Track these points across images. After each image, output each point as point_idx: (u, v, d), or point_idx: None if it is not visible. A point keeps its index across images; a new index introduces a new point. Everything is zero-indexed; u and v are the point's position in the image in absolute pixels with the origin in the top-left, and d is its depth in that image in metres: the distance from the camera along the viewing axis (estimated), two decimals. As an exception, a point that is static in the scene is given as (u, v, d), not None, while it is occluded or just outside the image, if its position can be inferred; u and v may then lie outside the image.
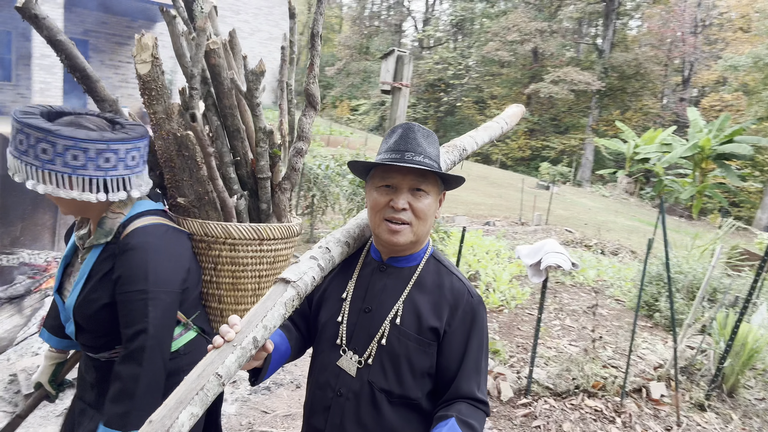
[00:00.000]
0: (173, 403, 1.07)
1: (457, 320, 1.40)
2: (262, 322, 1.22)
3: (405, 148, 1.36)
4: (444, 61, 32.11)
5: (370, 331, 1.40)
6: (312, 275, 1.35)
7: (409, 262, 1.46)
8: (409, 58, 5.21)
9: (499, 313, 5.67)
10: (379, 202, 1.37)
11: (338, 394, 1.40)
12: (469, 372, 1.40)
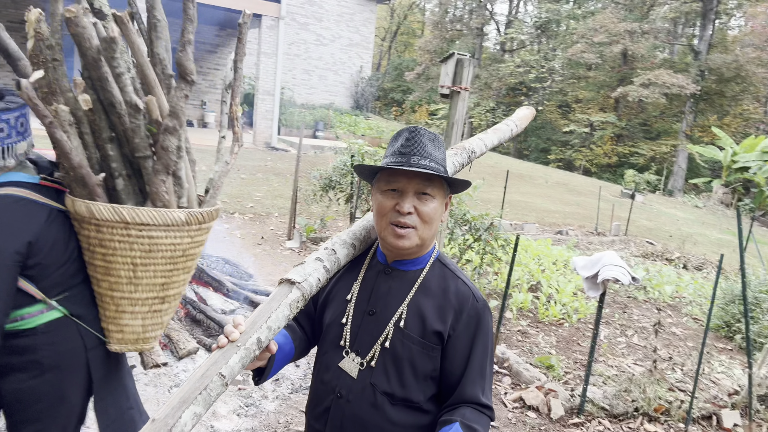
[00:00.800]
0: (176, 402, 1.07)
1: (461, 324, 1.40)
2: (266, 323, 1.23)
3: (411, 152, 1.36)
4: (526, 64, 31.32)
5: (373, 333, 1.41)
6: (317, 276, 1.37)
7: (414, 265, 1.46)
8: (468, 62, 5.10)
9: (559, 327, 5.42)
10: (385, 206, 1.37)
11: (338, 395, 1.41)
12: (474, 376, 1.39)
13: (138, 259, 1.56)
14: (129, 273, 1.57)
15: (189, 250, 1.64)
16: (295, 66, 23.67)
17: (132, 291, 1.59)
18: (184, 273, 1.67)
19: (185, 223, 1.59)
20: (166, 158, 1.53)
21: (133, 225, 1.51)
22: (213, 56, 18.22)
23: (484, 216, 5.77)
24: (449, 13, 37.84)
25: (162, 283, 1.62)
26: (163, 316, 1.69)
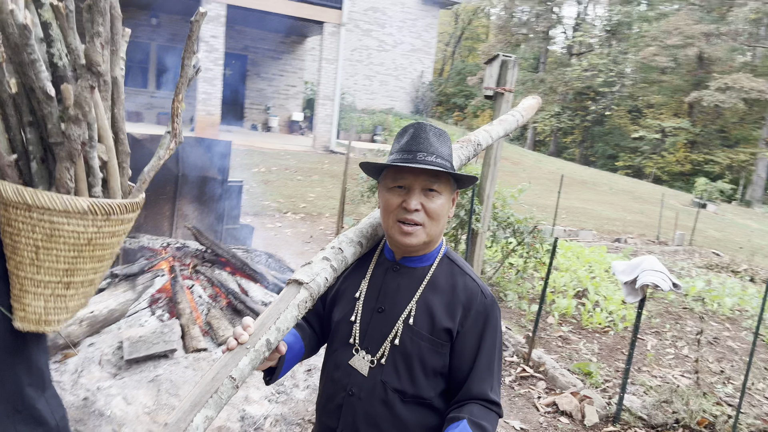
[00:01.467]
0: (188, 406, 1.07)
1: (470, 321, 1.40)
2: (275, 324, 1.23)
3: (417, 149, 1.35)
4: (594, 68, 30.38)
5: (383, 330, 1.41)
6: (325, 276, 1.36)
7: (422, 262, 1.45)
8: (513, 64, 5.08)
9: (603, 335, 5.27)
10: (392, 203, 1.37)
11: (350, 393, 1.41)
12: (482, 373, 1.39)
13: (40, 242, 1.56)
14: (32, 255, 1.58)
15: (96, 239, 1.63)
16: (357, 72, 24.07)
17: (35, 273, 1.60)
18: (92, 261, 1.66)
19: (87, 212, 1.58)
20: (69, 146, 1.53)
21: (34, 208, 1.52)
22: (277, 63, 18.83)
23: (528, 219, 5.70)
24: (515, 17, 37.32)
25: (65, 269, 1.62)
26: (68, 302, 1.69)
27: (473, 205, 5.01)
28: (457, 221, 5.62)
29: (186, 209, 4.52)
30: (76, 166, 1.57)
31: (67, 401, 3.12)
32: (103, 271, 1.74)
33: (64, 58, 1.54)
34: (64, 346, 3.48)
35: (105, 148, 1.65)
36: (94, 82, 1.50)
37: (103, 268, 1.73)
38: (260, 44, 18.47)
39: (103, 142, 1.65)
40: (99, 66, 1.49)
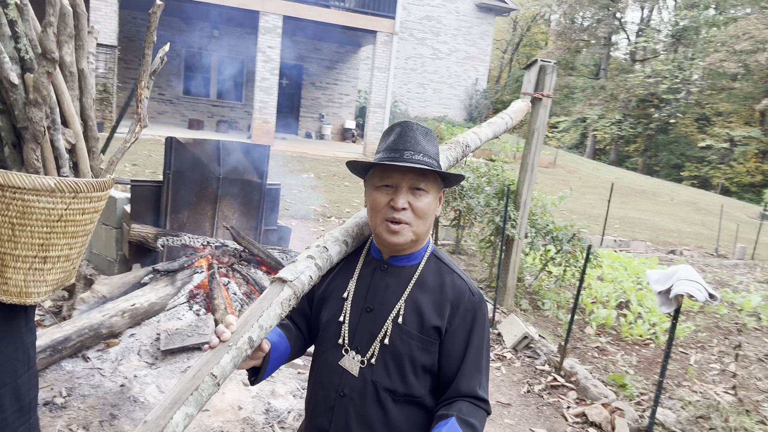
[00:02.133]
0: (168, 403, 1.07)
1: (458, 318, 1.40)
2: (258, 321, 1.23)
3: (404, 147, 1.35)
4: (657, 74, 29.25)
5: (372, 330, 1.40)
6: (309, 274, 1.37)
7: (410, 260, 1.45)
8: (551, 69, 5.03)
9: (643, 347, 5.10)
10: (379, 202, 1.37)
11: (341, 394, 1.40)
12: (470, 370, 1.39)
13: (15, 219, 1.70)
14: (8, 231, 1.71)
15: (66, 216, 1.78)
16: (410, 80, 24.21)
17: (13, 248, 1.74)
18: (65, 237, 1.82)
19: (54, 189, 1.71)
20: (32, 129, 1.67)
21: (6, 187, 1.66)
22: (331, 72, 19.21)
23: (568, 227, 5.60)
24: (575, 22, 36.51)
25: (40, 245, 1.77)
26: (47, 276, 1.84)
27: (507, 210, 4.98)
28: (494, 227, 5.60)
29: (226, 210, 4.73)
30: (42, 148, 1.71)
31: (106, 387, 3.34)
32: (78, 247, 1.88)
33: (30, 52, 1.70)
34: (107, 335, 3.73)
35: (72, 133, 1.80)
36: (50, 68, 1.64)
37: (78, 244, 1.86)
38: (315, 54, 18.93)
39: (71, 127, 1.80)
40: (53, 53, 1.62)
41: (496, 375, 4.29)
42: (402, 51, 23.69)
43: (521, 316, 5.36)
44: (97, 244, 4.86)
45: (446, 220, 7.28)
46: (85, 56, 1.83)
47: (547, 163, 20.36)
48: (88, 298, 3.95)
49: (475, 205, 5.63)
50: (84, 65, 1.83)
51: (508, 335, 4.81)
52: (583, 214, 12.14)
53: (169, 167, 4.37)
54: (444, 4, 24.20)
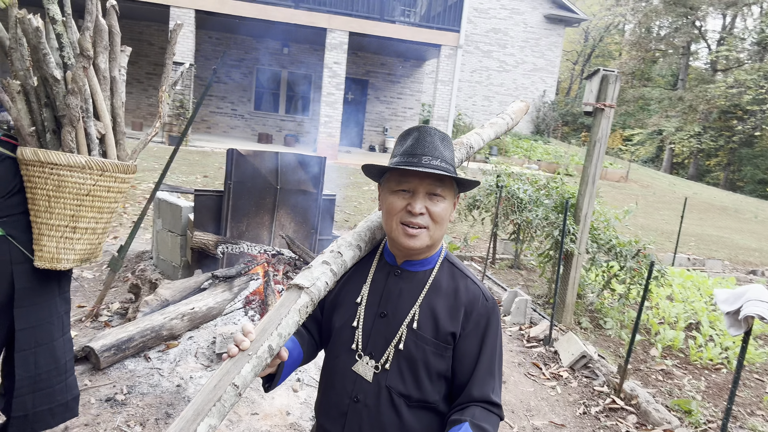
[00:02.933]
0: (191, 415, 1.06)
1: (471, 323, 1.40)
2: (276, 330, 1.22)
3: (422, 152, 1.35)
4: (741, 85, 27.56)
5: (386, 336, 1.40)
6: (325, 280, 1.37)
7: (423, 265, 1.46)
8: (614, 78, 4.86)
9: (714, 372, 4.76)
10: (396, 206, 1.37)
11: (355, 399, 1.40)
12: (483, 375, 1.39)
13: (51, 192, 2.00)
14: (45, 203, 2.02)
15: (94, 192, 2.08)
16: (476, 93, 24.08)
17: (48, 218, 2.04)
18: (92, 211, 2.11)
19: (85, 166, 2.02)
20: (69, 114, 1.97)
21: (46, 164, 1.97)
22: (396, 86, 19.41)
23: (632, 243, 5.35)
24: (651, 32, 35.11)
25: (71, 215, 2.06)
26: (75, 245, 2.12)
27: (566, 224, 4.83)
28: (552, 241, 5.44)
29: (283, 219, 4.86)
30: (77, 131, 2.03)
31: (163, 386, 3.49)
32: (104, 223, 2.19)
33: (72, 59, 2.05)
34: (167, 337, 3.90)
35: (103, 125, 2.13)
36: (85, 63, 1.98)
37: (103, 219, 2.18)
38: (380, 69, 19.20)
39: (102, 120, 2.13)
40: (88, 51, 1.97)
41: (550, 394, 4.15)
42: (467, 64, 23.61)
43: (581, 335, 5.16)
44: (164, 250, 5.12)
45: (505, 234, 7.14)
46: (117, 67, 2.17)
47: (619, 177, 19.59)
48: (151, 301, 4.16)
49: (533, 218, 5.50)
50: (116, 73, 2.17)
51: (565, 354, 4.64)
52: (656, 230, 11.57)
53: (230, 178, 4.55)
54: (511, 17, 23.98)
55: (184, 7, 14.20)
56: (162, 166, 10.86)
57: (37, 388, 2.13)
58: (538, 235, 5.82)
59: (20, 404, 2.09)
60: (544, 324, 5.11)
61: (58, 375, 2.20)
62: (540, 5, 23.97)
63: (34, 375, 2.11)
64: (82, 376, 3.49)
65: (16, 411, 2.08)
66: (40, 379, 2.14)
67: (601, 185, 16.52)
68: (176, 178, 10.13)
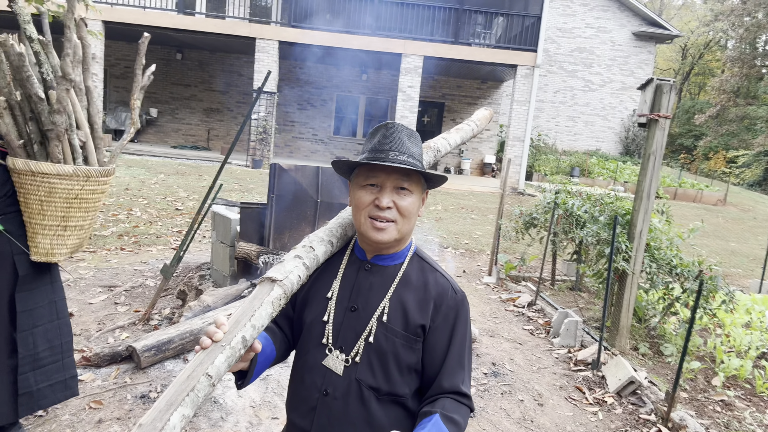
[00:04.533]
0: (163, 405, 1.06)
1: (440, 316, 1.42)
2: (250, 321, 1.23)
3: (389, 148, 1.39)
4: None
5: (357, 329, 1.42)
6: (297, 273, 1.39)
7: (393, 260, 1.48)
8: (669, 88, 4.59)
9: None
10: (364, 201, 1.41)
11: (324, 393, 1.42)
12: (453, 367, 1.41)
13: (43, 198, 2.26)
14: (38, 207, 2.27)
15: (81, 195, 2.34)
16: (559, 113, 23.43)
17: (41, 219, 2.30)
18: (80, 212, 2.37)
19: (72, 174, 2.27)
20: (56, 131, 2.22)
21: (37, 174, 2.23)
22: (473, 107, 19.34)
23: (696, 263, 4.96)
24: (756, 47, 32.60)
25: (62, 216, 2.32)
26: (67, 240, 2.39)
27: (614, 241, 4.57)
28: (605, 260, 5.15)
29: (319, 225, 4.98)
30: (62, 144, 2.27)
31: (193, 385, 3.67)
32: (90, 219, 2.47)
33: (50, 75, 2.28)
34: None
35: (84, 134, 2.36)
36: (68, 86, 2.21)
37: (89, 217, 2.45)
38: (457, 91, 19.24)
39: (82, 129, 2.36)
40: (70, 75, 2.20)
41: (590, 420, 3.90)
42: (550, 84, 23.09)
43: (636, 361, 4.82)
44: (217, 261, 5.40)
45: (565, 254, 6.85)
46: (90, 77, 2.42)
47: (716, 201, 18.17)
48: (194, 306, 4.40)
49: (584, 235, 5.25)
50: (89, 83, 2.41)
51: (612, 378, 4.35)
52: (748, 255, 10.58)
53: (272, 191, 4.75)
54: (597, 35, 23.25)
55: (269, 39, 15.07)
56: (243, 188, 11.50)
57: (37, 366, 2.36)
58: (590, 254, 5.54)
59: (24, 382, 2.32)
60: (594, 347, 4.82)
61: (52, 355, 2.46)
62: (629, 22, 23.06)
63: (33, 354, 2.34)
64: (124, 374, 3.74)
65: (22, 389, 2.31)
66: (39, 357, 2.37)
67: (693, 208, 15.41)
68: (252, 198, 10.67)
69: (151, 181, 11.12)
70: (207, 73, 18.95)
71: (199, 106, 19.08)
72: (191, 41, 16.73)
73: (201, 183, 11.72)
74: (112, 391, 3.54)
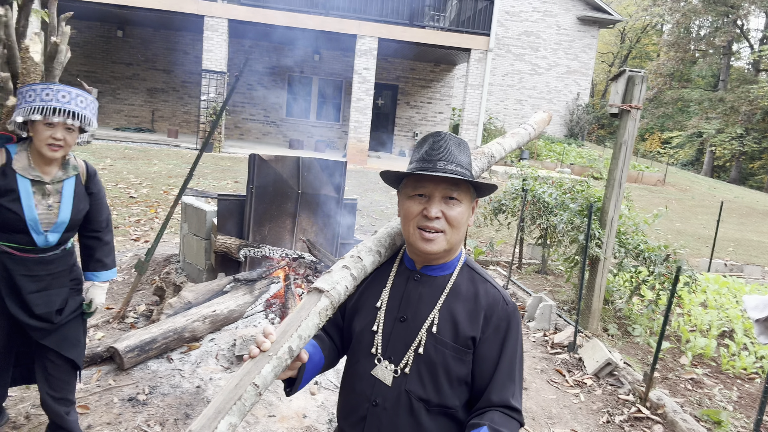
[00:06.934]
0: (212, 413, 1.09)
1: (491, 327, 1.40)
2: (297, 331, 1.24)
3: (437, 157, 1.37)
4: (786, 84, 26.56)
5: (406, 340, 1.41)
6: (345, 284, 1.38)
7: (443, 270, 1.46)
8: (640, 79, 4.74)
9: (747, 382, 4.58)
10: (413, 211, 1.39)
11: (374, 403, 1.40)
12: (503, 380, 1.38)
13: None
14: None
15: None
16: (507, 96, 23.85)
17: None
18: None
19: None
20: None
21: None
22: (426, 90, 19.39)
23: (662, 248, 5.21)
24: (691, 32, 34.16)
25: None
26: None
27: (590, 228, 4.73)
28: (578, 246, 5.33)
29: (305, 224, 4.90)
30: None
31: (184, 387, 3.56)
32: None
33: None
34: (189, 339, 3.98)
35: None
36: None
37: None
38: (410, 74, 19.21)
39: None
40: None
41: (573, 402, 4.06)
42: (499, 68, 23.42)
43: (607, 342, 5.04)
44: (189, 254, 5.23)
45: (531, 239, 7.04)
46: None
47: (656, 181, 19.10)
48: (175, 303, 4.25)
49: (558, 222, 5.40)
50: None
51: (589, 361, 4.54)
52: (693, 235, 11.22)
53: (252, 182, 4.62)
54: (543, 19, 23.69)
55: (218, 17, 14.51)
56: (196, 173, 11.12)
57: None
58: (564, 240, 5.72)
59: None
60: (568, 330, 5.01)
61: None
62: (573, 7, 23.61)
63: None
64: (106, 376, 3.59)
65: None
66: None
67: (636, 189, 16.09)
68: (208, 184, 10.35)
69: (98, 167, 10.58)
70: (150, 51, 18.08)
71: (143, 85, 18.22)
72: (134, 18, 15.89)
73: (152, 168, 11.26)
74: (96, 395, 3.40)
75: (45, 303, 2.44)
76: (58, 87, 2.22)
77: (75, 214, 2.44)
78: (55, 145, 2.24)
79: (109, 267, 2.68)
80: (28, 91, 2.22)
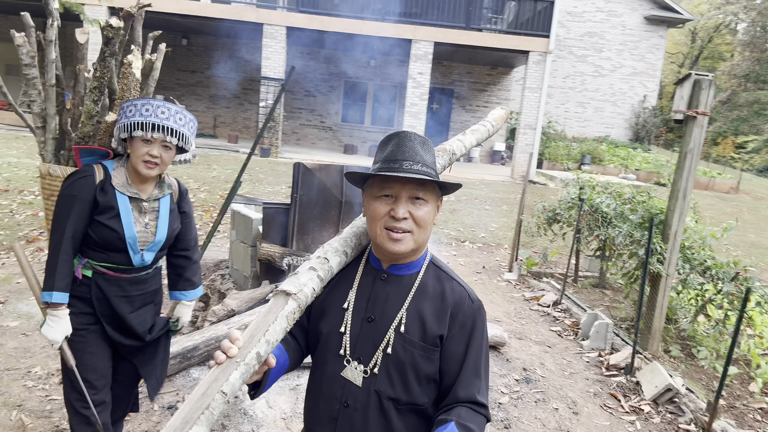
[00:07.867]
0: (179, 423, 1.05)
1: (457, 325, 1.42)
2: (264, 336, 1.21)
3: (403, 157, 1.38)
4: None
5: (374, 340, 1.42)
6: (312, 286, 1.36)
7: (409, 269, 1.48)
8: (708, 83, 4.40)
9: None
10: (380, 212, 1.39)
11: (345, 405, 1.41)
12: (469, 376, 1.40)
13: None
14: None
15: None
16: (569, 99, 23.13)
17: None
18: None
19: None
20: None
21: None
22: (482, 94, 19.10)
23: (731, 264, 4.81)
24: (768, 30, 32.09)
25: None
26: None
27: (651, 243, 4.42)
28: (637, 261, 5.01)
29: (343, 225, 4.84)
30: None
31: (222, 396, 3.56)
32: None
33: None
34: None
35: None
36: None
37: None
38: (466, 78, 18.97)
39: None
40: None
41: (628, 430, 3.79)
42: (560, 70, 22.76)
43: (669, 365, 4.70)
44: (237, 260, 5.28)
45: (588, 250, 6.71)
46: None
47: (729, 188, 17.97)
48: (218, 310, 4.28)
49: (616, 235, 5.09)
50: None
51: (647, 385, 4.24)
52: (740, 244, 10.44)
53: (296, 191, 4.60)
54: (608, 19, 22.83)
55: (276, 24, 14.80)
56: (252, 177, 11.34)
57: None
58: (623, 254, 5.39)
59: None
60: (626, 351, 4.70)
61: None
62: (640, 6, 22.63)
63: None
64: (149, 383, 3.62)
65: None
66: None
67: (706, 197, 15.23)
68: (263, 189, 10.52)
69: (161, 172, 10.94)
70: (213, 59, 18.70)
71: (205, 92, 18.86)
72: (197, 27, 16.46)
73: (211, 173, 11.56)
74: (137, 402, 3.43)
75: (140, 323, 2.41)
76: (158, 103, 2.17)
77: (170, 233, 2.41)
78: (151, 162, 2.19)
79: (196, 285, 2.64)
80: (129, 107, 2.17)
